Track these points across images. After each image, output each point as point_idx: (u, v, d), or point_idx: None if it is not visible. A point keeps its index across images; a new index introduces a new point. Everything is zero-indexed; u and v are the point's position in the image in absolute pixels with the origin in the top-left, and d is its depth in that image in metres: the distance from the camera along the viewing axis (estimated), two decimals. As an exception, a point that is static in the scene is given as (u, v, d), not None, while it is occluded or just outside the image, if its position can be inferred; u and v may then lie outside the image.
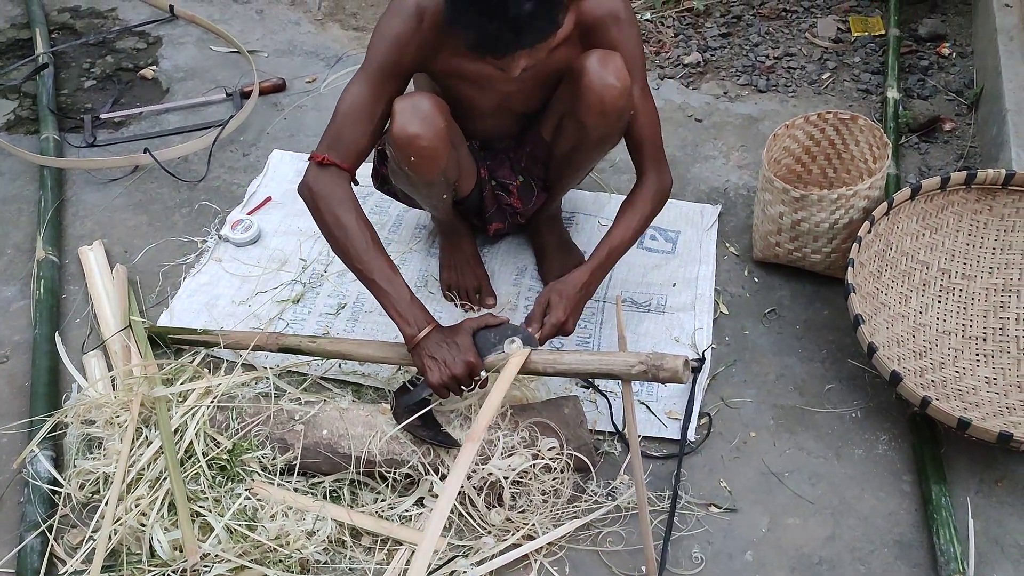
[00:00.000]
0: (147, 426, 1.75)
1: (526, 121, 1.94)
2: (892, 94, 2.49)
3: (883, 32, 2.80)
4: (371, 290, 1.64)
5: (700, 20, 2.93)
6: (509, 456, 1.65)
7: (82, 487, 1.71)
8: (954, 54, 2.72)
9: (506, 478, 1.63)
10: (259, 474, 1.70)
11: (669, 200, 2.27)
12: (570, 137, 1.82)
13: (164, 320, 2.08)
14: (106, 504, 1.63)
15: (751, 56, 2.78)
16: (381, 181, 2.05)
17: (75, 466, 1.73)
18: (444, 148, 1.69)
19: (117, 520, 1.61)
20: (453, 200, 1.99)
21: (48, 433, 1.79)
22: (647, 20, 2.93)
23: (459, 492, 1.65)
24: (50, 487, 1.72)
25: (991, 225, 1.97)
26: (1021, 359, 1.89)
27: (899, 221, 1.94)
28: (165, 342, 1.96)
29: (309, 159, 1.66)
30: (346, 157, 1.64)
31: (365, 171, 2.07)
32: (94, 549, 1.58)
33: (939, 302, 1.97)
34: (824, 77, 2.69)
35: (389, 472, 1.68)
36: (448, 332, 1.64)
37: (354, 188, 1.68)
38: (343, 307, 2.10)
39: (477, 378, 1.63)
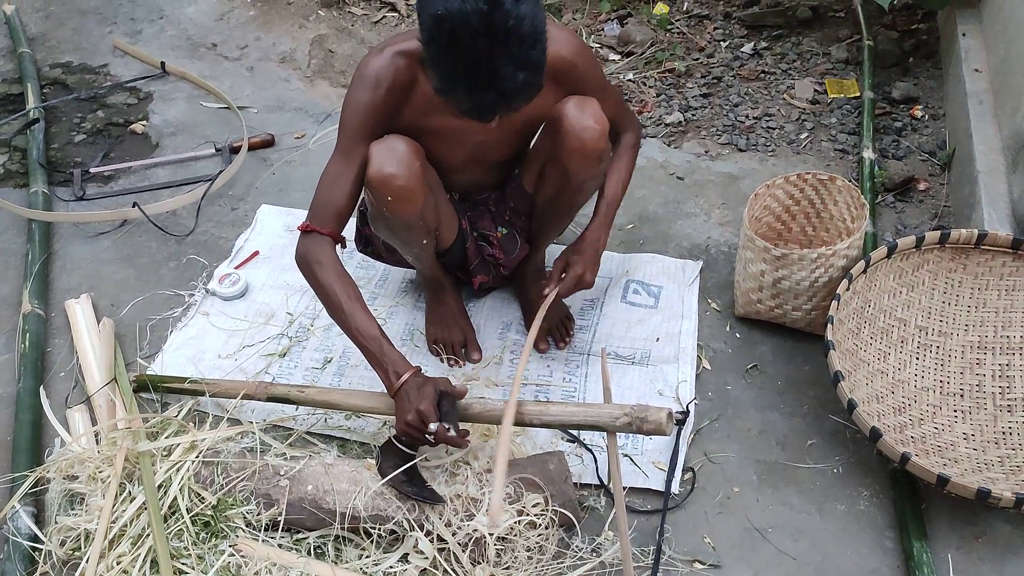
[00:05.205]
0: (131, 481, 1.74)
1: (503, 171, 2.00)
2: (868, 154, 2.56)
3: (858, 94, 2.88)
4: (354, 342, 1.72)
5: (681, 80, 3.00)
6: (494, 512, 1.66)
7: (63, 544, 1.69)
8: (926, 116, 2.80)
9: (491, 534, 1.63)
10: (243, 530, 1.69)
11: (651, 255, 2.34)
12: (553, 183, 1.89)
13: (153, 371, 2.08)
14: (87, 561, 1.62)
15: (731, 116, 2.85)
16: (364, 243, 2.10)
17: (56, 522, 1.72)
18: (420, 188, 1.75)
19: (98, 577, 1.60)
20: (437, 253, 2.03)
21: (30, 488, 1.77)
22: (630, 80, 3.00)
23: (443, 549, 1.66)
24: (30, 544, 1.71)
25: (965, 283, 2.01)
26: (998, 415, 1.92)
27: (876, 279, 1.98)
28: (155, 388, 1.97)
29: (298, 229, 1.78)
30: (325, 222, 1.75)
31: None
32: (74, 607, 1.57)
33: (917, 359, 2.00)
34: (802, 137, 2.76)
35: (374, 528, 1.68)
36: (422, 380, 1.68)
37: (342, 248, 1.78)
38: (329, 361, 2.11)
39: (429, 428, 1.61)
